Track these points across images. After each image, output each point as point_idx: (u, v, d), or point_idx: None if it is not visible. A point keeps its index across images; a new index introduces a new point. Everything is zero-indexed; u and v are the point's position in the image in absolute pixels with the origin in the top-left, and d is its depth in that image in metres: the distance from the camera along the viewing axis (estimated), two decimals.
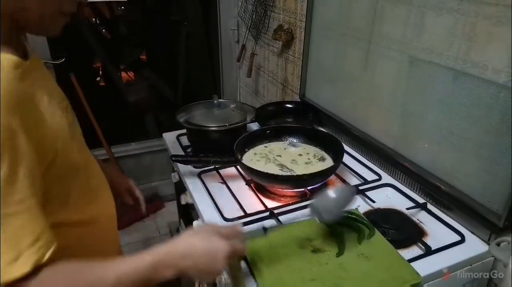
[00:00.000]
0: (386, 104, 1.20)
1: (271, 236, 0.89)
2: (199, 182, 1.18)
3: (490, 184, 0.90)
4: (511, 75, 0.82)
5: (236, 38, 2.45)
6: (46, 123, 0.63)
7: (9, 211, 0.54)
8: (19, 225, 0.55)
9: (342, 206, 0.85)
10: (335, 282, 0.77)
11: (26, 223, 0.56)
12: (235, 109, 1.43)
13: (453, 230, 0.95)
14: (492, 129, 0.88)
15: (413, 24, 1.05)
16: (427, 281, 0.82)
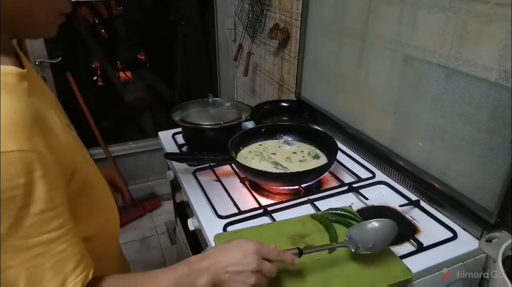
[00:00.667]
0: (380, 103, 1.20)
1: (263, 232, 0.91)
2: (193, 180, 1.19)
3: (482, 182, 0.90)
4: (502, 73, 0.82)
5: (233, 37, 2.45)
6: (60, 138, 0.60)
7: (52, 237, 0.53)
8: (61, 250, 0.54)
9: (382, 240, 0.78)
10: (326, 277, 0.77)
11: (67, 247, 0.55)
12: (230, 108, 1.43)
13: (445, 227, 0.95)
14: (483, 127, 0.88)
15: (406, 22, 1.05)
16: (418, 277, 0.83)
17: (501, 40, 0.81)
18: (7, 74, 0.54)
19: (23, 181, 0.49)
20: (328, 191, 1.11)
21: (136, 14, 3.10)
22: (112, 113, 2.95)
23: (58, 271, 0.54)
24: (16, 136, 0.49)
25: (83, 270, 0.57)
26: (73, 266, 0.56)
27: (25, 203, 0.50)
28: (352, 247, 0.78)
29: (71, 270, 0.55)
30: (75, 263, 0.56)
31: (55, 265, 0.54)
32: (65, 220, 0.55)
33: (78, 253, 0.57)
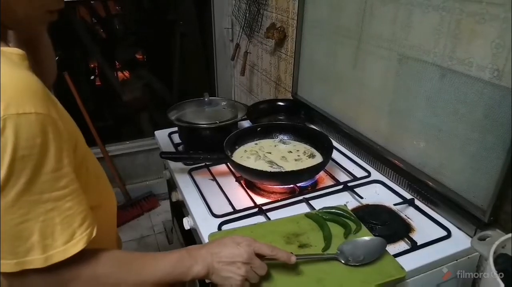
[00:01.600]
0: (376, 102, 1.21)
1: (257, 231, 0.91)
2: (189, 179, 1.19)
3: (476, 180, 0.91)
4: (494, 72, 0.83)
5: (230, 37, 2.45)
6: (63, 111, 0.65)
7: (60, 194, 0.58)
8: (69, 207, 0.59)
9: (371, 255, 0.80)
10: (320, 276, 0.78)
11: (74, 205, 0.59)
12: (226, 107, 1.43)
13: (439, 225, 0.96)
14: (477, 125, 0.89)
15: (401, 22, 1.06)
16: (412, 275, 0.83)
17: (494, 39, 0.82)
18: (12, 54, 0.59)
19: (39, 141, 0.54)
20: (323, 190, 1.11)
21: (134, 13, 3.10)
22: (110, 113, 2.95)
23: (67, 226, 0.58)
24: (34, 101, 0.53)
25: (88, 227, 0.61)
26: (79, 223, 0.60)
27: (40, 162, 0.54)
28: (342, 259, 0.80)
29: (78, 226, 0.60)
30: (80, 220, 0.60)
31: (64, 220, 0.58)
32: (71, 179, 0.59)
33: (83, 211, 0.61)
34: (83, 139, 0.72)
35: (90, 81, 3.02)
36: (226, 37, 2.49)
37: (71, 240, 0.59)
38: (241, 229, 0.92)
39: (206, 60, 2.76)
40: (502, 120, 0.83)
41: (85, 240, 0.60)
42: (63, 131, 0.58)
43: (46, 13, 0.65)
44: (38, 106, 0.54)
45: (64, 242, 0.58)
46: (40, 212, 0.56)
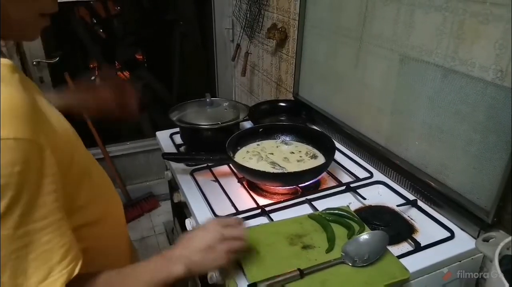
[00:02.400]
0: (377, 102, 1.20)
1: (261, 232, 0.91)
2: (191, 180, 1.19)
3: (479, 181, 0.91)
4: (498, 73, 0.83)
5: (231, 37, 2.45)
6: (56, 127, 0.60)
7: (37, 227, 0.52)
8: (46, 240, 0.53)
9: (375, 252, 0.81)
10: (324, 278, 0.77)
11: (53, 238, 0.54)
12: (228, 108, 1.43)
13: (442, 226, 0.96)
14: (479, 126, 0.89)
15: (403, 22, 1.05)
16: (416, 277, 0.83)
17: (497, 40, 0.82)
18: (2, 65, 0.54)
19: (18, 169, 0.49)
20: (325, 191, 1.11)
21: (134, 14, 3.10)
22: None
23: (43, 262, 0.53)
24: (15, 124, 0.49)
25: (70, 263, 0.55)
26: (59, 258, 0.54)
27: (17, 192, 0.49)
28: (349, 262, 0.80)
29: (57, 262, 0.54)
30: (60, 255, 0.55)
31: (40, 256, 0.53)
32: (52, 210, 0.54)
33: (65, 244, 0.55)
34: (83, 150, 0.70)
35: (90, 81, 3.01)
36: (226, 38, 2.48)
37: (47, 278, 0.53)
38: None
39: (206, 60, 2.75)
40: (505, 121, 0.82)
41: (65, 278, 0.54)
42: (48, 158, 0.53)
43: (39, 17, 0.61)
44: (19, 131, 0.49)
45: (38, 281, 0.52)
46: (13, 248, 0.50)
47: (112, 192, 0.81)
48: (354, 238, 0.85)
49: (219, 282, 0.90)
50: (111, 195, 0.79)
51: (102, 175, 0.78)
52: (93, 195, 0.69)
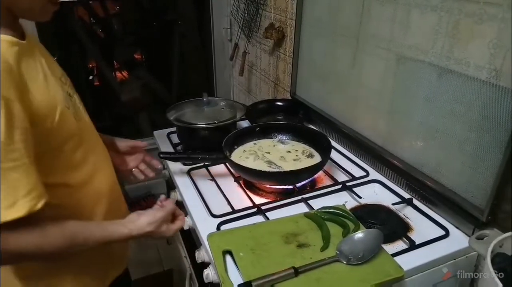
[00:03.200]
0: (374, 102, 1.21)
1: (256, 231, 0.91)
2: (188, 179, 1.19)
3: (474, 179, 0.91)
4: (492, 72, 0.83)
5: (229, 37, 2.45)
6: (42, 94, 0.73)
7: (7, 166, 0.64)
8: (16, 178, 0.65)
9: (370, 250, 0.82)
10: (319, 276, 0.78)
11: (21, 177, 0.66)
12: (225, 107, 1.44)
13: (437, 225, 0.96)
14: (474, 125, 0.89)
15: (399, 22, 1.06)
16: (410, 275, 0.83)
17: (492, 39, 0.82)
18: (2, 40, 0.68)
19: None
20: (322, 189, 1.11)
21: (133, 13, 3.10)
22: (108, 113, 2.95)
23: (11, 193, 0.65)
24: None
25: (33, 199, 0.67)
26: (25, 193, 0.66)
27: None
28: (344, 260, 0.81)
29: (22, 195, 0.66)
30: (26, 191, 0.66)
31: (9, 188, 0.64)
32: (23, 154, 0.66)
33: (29, 184, 0.67)
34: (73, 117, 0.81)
35: (88, 81, 3.02)
36: (224, 37, 2.49)
37: (13, 206, 0.64)
38: (240, 229, 0.93)
39: (205, 60, 2.76)
40: (500, 120, 0.83)
41: (27, 209, 0.66)
42: (16, 112, 0.65)
43: (47, 3, 0.74)
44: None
45: (5, 207, 0.64)
46: None
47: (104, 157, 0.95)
48: (349, 236, 0.85)
49: (214, 281, 0.91)
50: (103, 171, 0.92)
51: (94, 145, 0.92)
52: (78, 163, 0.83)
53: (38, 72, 0.75)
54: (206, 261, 0.97)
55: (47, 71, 0.78)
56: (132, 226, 0.85)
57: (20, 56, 0.70)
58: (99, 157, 0.93)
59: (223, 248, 0.86)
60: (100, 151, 0.95)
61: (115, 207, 0.97)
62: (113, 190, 0.97)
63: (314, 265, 0.79)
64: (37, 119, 0.71)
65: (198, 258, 1.00)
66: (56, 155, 0.78)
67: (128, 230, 0.84)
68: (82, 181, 0.86)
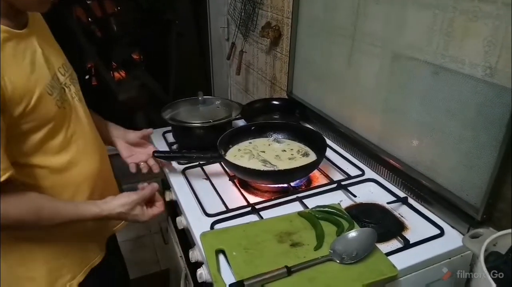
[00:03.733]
0: (370, 100, 1.20)
1: (250, 230, 0.90)
2: (183, 178, 1.18)
3: (469, 178, 0.90)
4: (487, 70, 0.82)
5: (226, 36, 2.45)
6: (21, 79, 0.76)
7: None
8: None
9: (364, 249, 0.81)
10: (312, 275, 0.77)
11: None
12: (221, 106, 1.43)
13: (433, 224, 0.95)
14: (469, 123, 0.88)
15: (395, 20, 1.05)
16: (404, 274, 0.83)
17: (486, 37, 0.82)
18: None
19: None
20: (317, 188, 1.11)
21: (130, 13, 3.09)
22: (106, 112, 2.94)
23: None
24: None
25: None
26: None
27: None
28: (337, 259, 0.80)
29: None
30: None
31: None
32: None
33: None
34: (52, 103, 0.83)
35: (85, 80, 3.01)
36: (222, 36, 2.48)
37: None
38: (233, 228, 0.92)
39: (202, 59, 2.75)
40: (495, 118, 0.82)
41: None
42: None
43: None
44: None
45: None
46: None
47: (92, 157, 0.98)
48: (343, 235, 0.84)
49: (208, 280, 0.90)
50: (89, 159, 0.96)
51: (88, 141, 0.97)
52: (60, 148, 0.87)
53: (24, 57, 0.79)
54: (200, 261, 0.96)
55: (38, 58, 0.83)
56: (104, 206, 0.89)
57: (5, 42, 0.75)
58: (86, 145, 0.96)
59: (216, 247, 0.85)
60: (88, 140, 0.98)
61: (103, 194, 0.97)
62: (98, 178, 0.99)
63: (307, 265, 0.79)
64: (10, 103, 0.74)
65: (192, 258, 1.00)
66: (28, 138, 0.81)
67: (99, 209, 0.88)
68: (61, 166, 0.89)
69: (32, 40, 0.83)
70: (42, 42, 0.86)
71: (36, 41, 0.84)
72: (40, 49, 0.84)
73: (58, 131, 0.87)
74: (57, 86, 0.87)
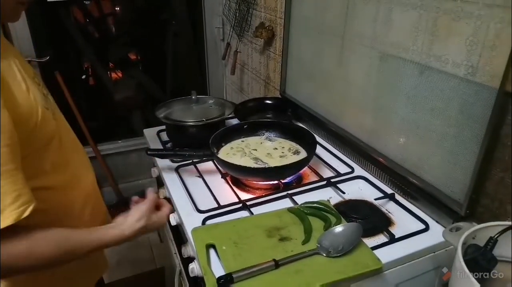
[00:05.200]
0: (359, 99, 1.23)
1: (240, 226, 0.93)
2: (176, 176, 1.21)
3: (453, 174, 0.93)
4: (469, 69, 0.85)
5: (221, 36, 2.47)
6: (23, 95, 0.72)
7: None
8: (1, 185, 0.63)
9: (349, 242, 0.84)
10: (299, 268, 0.79)
11: (7, 184, 0.64)
12: (214, 105, 1.45)
13: (418, 219, 0.98)
14: (453, 121, 0.91)
15: (382, 20, 1.08)
16: (389, 267, 0.85)
17: (468, 37, 0.84)
18: None
19: None
20: (307, 185, 1.13)
21: (127, 13, 3.11)
22: (102, 112, 2.96)
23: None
24: None
25: (21, 206, 0.65)
26: (10, 201, 0.64)
27: None
28: (324, 252, 0.83)
29: (9, 203, 0.64)
30: (12, 198, 0.64)
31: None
32: (7, 161, 0.64)
33: (16, 190, 0.65)
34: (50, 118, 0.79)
35: (82, 80, 3.03)
36: (217, 37, 2.50)
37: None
38: (224, 224, 0.94)
39: (198, 59, 2.77)
40: (476, 116, 0.85)
41: (15, 217, 0.64)
42: (3, 118, 0.63)
43: (17, 4, 0.74)
44: None
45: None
46: None
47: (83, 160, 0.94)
48: (330, 230, 0.87)
49: (199, 275, 0.92)
50: (83, 171, 0.91)
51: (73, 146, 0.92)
52: (59, 163, 0.82)
53: (15, 72, 0.74)
54: (192, 256, 0.99)
55: (22, 71, 0.77)
56: (123, 226, 0.84)
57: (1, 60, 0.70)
58: (81, 157, 0.93)
59: (206, 242, 0.88)
60: (80, 152, 0.95)
61: (97, 207, 0.98)
62: (95, 190, 0.97)
63: (294, 258, 0.81)
64: (20, 120, 0.69)
65: (184, 253, 1.02)
66: (39, 157, 0.77)
67: (120, 230, 0.83)
68: (66, 183, 0.85)
69: (7, 51, 0.76)
70: (13, 51, 0.80)
71: (10, 51, 0.77)
72: (17, 59, 0.78)
73: (59, 146, 0.83)
74: (44, 98, 0.82)
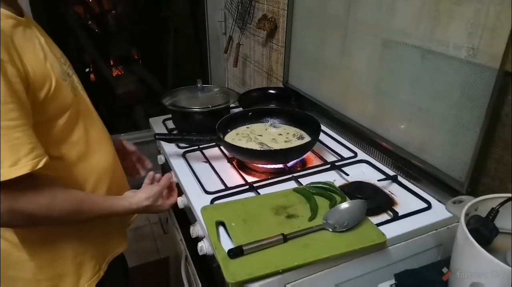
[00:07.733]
0: (362, 86, 1.25)
1: (248, 204, 0.95)
2: (183, 161, 1.23)
3: (454, 155, 0.96)
4: (470, 51, 0.88)
5: (223, 30, 2.50)
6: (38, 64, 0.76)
7: (8, 125, 0.66)
8: (17, 137, 0.68)
9: (354, 218, 0.86)
10: (307, 242, 0.82)
11: (23, 136, 0.68)
12: (219, 93, 1.48)
13: (420, 198, 1.01)
14: (454, 103, 0.94)
15: (385, 7, 1.10)
16: (393, 243, 0.88)
17: (469, 19, 0.87)
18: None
19: None
20: (311, 169, 1.16)
21: (128, 9, 3.13)
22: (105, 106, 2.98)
23: (14, 152, 0.67)
24: None
25: (35, 157, 0.70)
26: (26, 152, 0.69)
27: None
28: (330, 228, 0.86)
29: (24, 154, 0.68)
30: (27, 150, 0.69)
31: (12, 147, 0.67)
32: (22, 114, 0.68)
33: (31, 143, 0.70)
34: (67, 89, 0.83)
35: (84, 76, 3.05)
36: (219, 31, 2.53)
37: (16, 164, 0.67)
38: (232, 203, 0.97)
39: (199, 53, 2.80)
40: (477, 97, 0.88)
41: (29, 167, 0.68)
42: (10, 73, 0.67)
43: None
44: None
45: (9, 165, 0.67)
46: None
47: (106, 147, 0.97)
48: (335, 207, 0.89)
49: (208, 253, 0.95)
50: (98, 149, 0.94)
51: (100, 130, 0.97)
52: (73, 138, 0.86)
53: (34, 44, 0.78)
54: (200, 235, 1.01)
55: (45, 46, 0.81)
56: (132, 200, 0.93)
57: (15, 28, 0.74)
58: (99, 134, 0.96)
59: (216, 219, 0.90)
60: (100, 129, 0.97)
61: (118, 187, 0.99)
62: (115, 169, 0.99)
63: (302, 233, 0.84)
64: (33, 87, 0.73)
65: (192, 233, 1.05)
66: (51, 127, 0.80)
67: (129, 203, 0.91)
68: (82, 156, 0.88)
69: (32, 28, 0.82)
70: (40, 31, 0.85)
71: (36, 30, 0.83)
72: (43, 38, 0.83)
73: (75, 120, 0.86)
74: (65, 74, 0.86)
